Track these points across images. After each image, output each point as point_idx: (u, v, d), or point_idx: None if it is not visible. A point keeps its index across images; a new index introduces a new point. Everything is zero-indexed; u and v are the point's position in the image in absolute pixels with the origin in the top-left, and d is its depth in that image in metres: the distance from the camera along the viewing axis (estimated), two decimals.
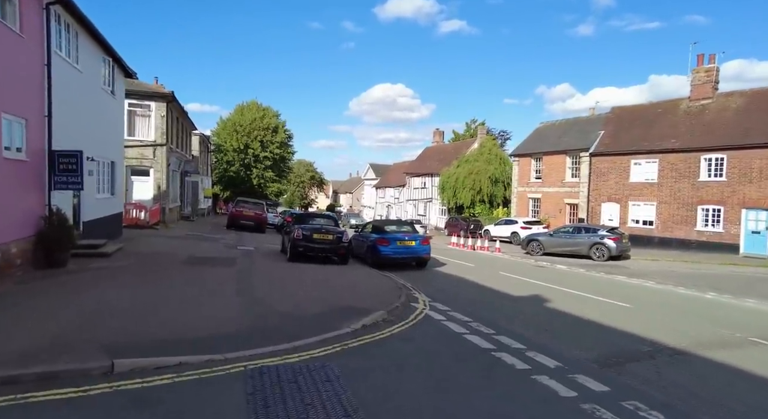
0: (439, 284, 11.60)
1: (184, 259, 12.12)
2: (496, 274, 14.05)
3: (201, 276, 9.71)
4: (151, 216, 20.90)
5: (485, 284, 11.94)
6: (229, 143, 52.76)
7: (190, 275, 9.68)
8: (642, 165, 24.12)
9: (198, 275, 9.80)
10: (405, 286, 10.70)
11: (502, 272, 14.41)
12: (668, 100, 25.93)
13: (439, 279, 12.59)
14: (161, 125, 22.29)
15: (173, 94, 22.12)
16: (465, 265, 15.98)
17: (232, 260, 12.57)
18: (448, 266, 15.23)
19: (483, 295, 10.39)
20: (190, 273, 9.98)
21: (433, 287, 10.97)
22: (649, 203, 23.85)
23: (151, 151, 22.18)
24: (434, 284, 11.52)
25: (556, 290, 11.18)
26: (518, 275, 13.80)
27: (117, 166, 15.46)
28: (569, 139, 29.07)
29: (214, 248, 15.57)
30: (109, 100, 14.51)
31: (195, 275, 9.73)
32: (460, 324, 7.36)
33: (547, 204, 29.68)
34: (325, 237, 13.40)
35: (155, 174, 22.41)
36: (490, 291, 10.93)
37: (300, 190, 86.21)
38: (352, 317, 6.92)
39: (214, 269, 10.78)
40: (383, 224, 15.04)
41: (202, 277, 9.62)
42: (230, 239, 19.72)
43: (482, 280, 12.52)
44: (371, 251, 13.94)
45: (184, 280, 9.10)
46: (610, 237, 19.63)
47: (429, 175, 43.94)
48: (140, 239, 16.43)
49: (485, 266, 16.17)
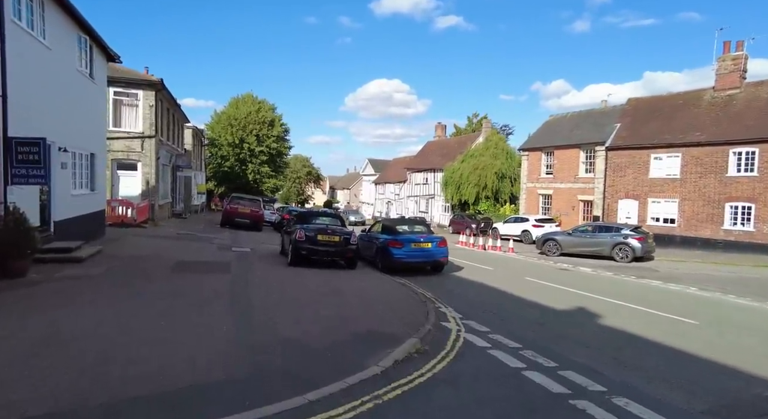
0: (464, 294, 10.12)
1: (171, 265, 10.57)
2: (521, 280, 12.59)
3: (188, 288, 8.17)
4: (138, 214, 19.32)
5: (515, 293, 10.47)
6: (224, 137, 50.99)
7: (174, 287, 8.13)
8: (663, 159, 22.69)
9: (184, 287, 8.25)
10: (427, 297, 9.23)
11: (527, 277, 12.95)
12: (690, 91, 24.49)
13: (461, 287, 11.11)
14: (150, 116, 20.65)
15: (162, 82, 20.47)
16: (483, 269, 14.51)
17: (225, 266, 11.04)
18: (467, 271, 13.76)
19: (519, 308, 8.92)
20: (176, 284, 8.43)
21: (458, 298, 9.50)
22: (670, 200, 22.45)
23: (138, 143, 20.55)
24: (458, 294, 10.05)
25: (597, 301, 9.73)
26: (546, 281, 12.35)
27: (98, 158, 13.87)
28: (583, 132, 27.61)
29: (207, 251, 14.02)
30: (88, 85, 12.89)
31: (181, 288, 8.17)
32: (509, 352, 5.89)
33: (558, 201, 28.25)
34: (330, 239, 11.89)
35: (143, 168, 20.79)
36: (524, 303, 9.45)
37: (296, 186, 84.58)
38: (377, 347, 5.42)
39: (205, 279, 9.24)
40: (395, 224, 13.52)
41: (189, 290, 8.07)
42: (224, 239, 18.17)
43: (510, 288, 11.06)
44: (382, 254, 12.45)
45: (168, 294, 7.55)
46: (634, 237, 18.24)
47: (431, 170, 42.42)
48: (125, 239, 14.87)
49: (506, 270, 14.72)
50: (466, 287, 11.16)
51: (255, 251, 14.86)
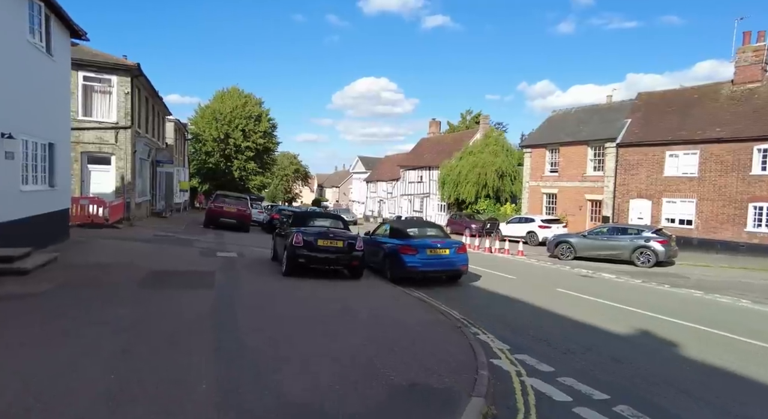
0: (498, 313, 8.45)
1: (141, 277, 8.71)
2: (551, 291, 10.99)
3: (158, 315, 6.32)
4: (111, 213, 17.29)
5: (553, 309, 8.85)
6: (208, 132, 48.74)
7: (140, 313, 6.28)
8: (679, 157, 21.36)
9: (153, 313, 6.41)
10: (457, 318, 7.55)
11: (557, 288, 11.34)
12: (705, 85, 23.20)
13: (490, 303, 9.43)
14: (125, 104, 18.59)
15: (139, 68, 18.42)
16: (503, 277, 12.89)
17: (208, 278, 9.21)
18: (486, 280, 12.11)
19: (571, 332, 7.27)
20: (143, 308, 6.58)
21: (493, 319, 7.83)
22: (687, 200, 21.13)
23: (112, 135, 18.48)
24: (492, 313, 8.37)
25: (653, 320, 8.18)
26: (578, 292, 10.77)
27: (59, 149, 11.88)
28: (590, 128, 26.22)
29: (187, 256, 12.15)
30: (44, 63, 10.91)
31: (148, 314, 6.32)
32: (603, 412, 4.24)
33: (564, 200, 26.83)
34: (333, 244, 10.12)
35: (118, 163, 18.74)
36: (572, 324, 7.82)
37: (284, 184, 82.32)
38: (431, 415, 3.71)
39: (182, 297, 7.41)
40: (405, 227, 11.77)
41: (159, 316, 6.23)
42: (208, 242, 16.27)
43: (543, 302, 9.43)
44: (393, 261, 10.73)
45: (129, 325, 5.70)
46: (657, 240, 16.83)
47: (426, 168, 40.78)
48: (92, 243, 12.91)
49: (528, 278, 13.11)
50: (495, 302, 9.49)
51: (243, 257, 13.03)
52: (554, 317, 8.29)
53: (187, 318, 6.11)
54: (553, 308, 8.89)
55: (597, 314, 8.56)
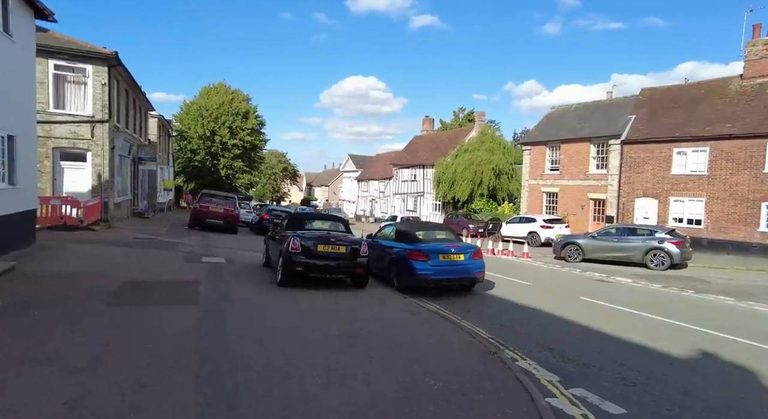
0: (527, 329, 7.35)
1: (113, 290, 7.45)
2: (575, 300, 9.94)
3: (128, 343, 5.09)
4: (87, 213, 15.90)
5: (588, 323, 7.79)
6: (194, 129, 47.08)
7: (106, 340, 5.04)
8: (687, 154, 20.56)
9: (123, 340, 5.18)
10: (486, 339, 6.45)
11: (581, 297, 10.30)
12: (713, 80, 22.46)
13: (516, 317, 8.33)
14: (102, 96, 17.16)
15: (117, 56, 17.00)
16: (517, 283, 11.82)
17: (192, 289, 7.97)
18: (501, 287, 11.03)
19: (620, 354, 6.19)
20: (111, 332, 5.35)
21: (528, 339, 6.74)
22: (696, 199, 20.34)
23: (87, 129, 17.04)
24: (521, 330, 7.28)
25: (703, 336, 7.18)
26: (604, 301, 9.75)
27: (21, 143, 10.51)
28: (593, 124, 25.36)
29: (169, 263, 10.87)
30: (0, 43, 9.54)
31: (117, 341, 5.09)
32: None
33: (565, 199, 25.94)
34: (334, 250, 8.96)
35: (94, 159, 17.30)
36: (618, 344, 6.75)
37: (272, 182, 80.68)
38: None
39: (161, 317, 6.19)
40: (413, 229, 10.60)
41: (130, 345, 5.00)
42: (193, 245, 14.97)
43: (576, 315, 8.37)
44: (401, 269, 9.60)
45: (91, 358, 4.48)
46: (671, 241, 15.96)
47: (420, 166, 39.70)
48: (62, 247, 11.58)
49: (544, 284, 12.07)
50: (520, 315, 8.39)
51: (231, 262, 11.79)
52: (592, 334, 7.23)
53: (164, 350, 4.88)
54: (588, 323, 7.83)
55: (637, 329, 7.52)
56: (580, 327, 7.64)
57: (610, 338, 7.03)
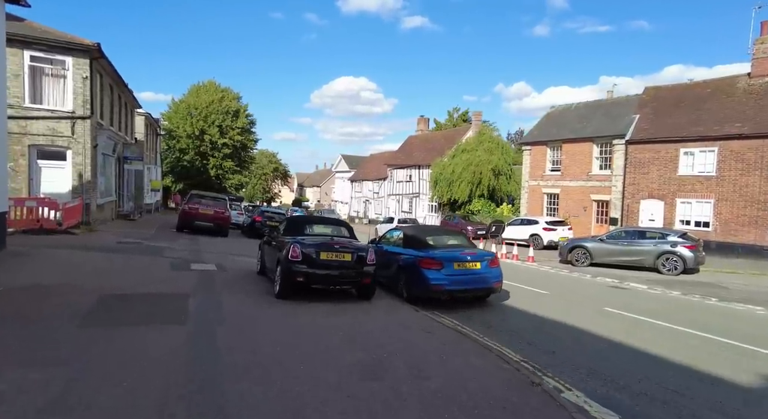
0: (564, 351, 6.51)
1: (87, 307, 6.49)
2: (602, 312, 9.15)
3: (92, 388, 4.15)
4: (66, 216, 14.84)
5: (625, 340, 6.99)
6: (183, 128, 45.87)
7: (63, 384, 4.09)
8: (695, 155, 19.97)
9: (92, 373, 4.24)
10: (520, 362, 5.61)
11: (606, 307, 9.50)
12: (719, 78, 21.93)
13: (542, 332, 7.49)
14: (83, 91, 16.07)
15: (100, 48, 15.93)
16: (534, 292, 11.02)
17: (179, 305, 7.02)
18: (517, 296, 10.20)
19: (682, 382, 5.36)
20: (72, 369, 4.39)
21: (566, 362, 5.91)
22: (704, 201, 19.75)
23: (67, 125, 15.94)
24: (557, 351, 6.44)
25: (755, 354, 6.41)
26: (634, 313, 8.98)
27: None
28: (595, 124, 24.73)
29: (154, 271, 9.89)
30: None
31: (77, 384, 4.14)
32: None
33: (567, 201, 25.28)
34: (338, 258, 8.06)
35: (75, 158, 16.21)
36: (669, 367, 5.94)
37: (262, 183, 79.42)
38: None
39: (142, 341, 5.25)
40: (423, 234, 9.71)
41: (93, 393, 4.05)
42: (181, 250, 13.97)
43: (608, 331, 7.57)
44: (411, 278, 8.73)
45: (37, 412, 3.55)
46: (684, 244, 15.31)
47: (416, 167, 38.88)
48: (35, 254, 10.55)
49: (562, 292, 11.27)
50: (549, 331, 7.55)
51: (223, 270, 10.83)
52: (634, 353, 6.41)
53: (143, 390, 3.95)
54: (624, 339, 7.02)
55: (680, 348, 6.73)
56: (617, 344, 6.83)
57: (656, 359, 6.22)
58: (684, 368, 5.90)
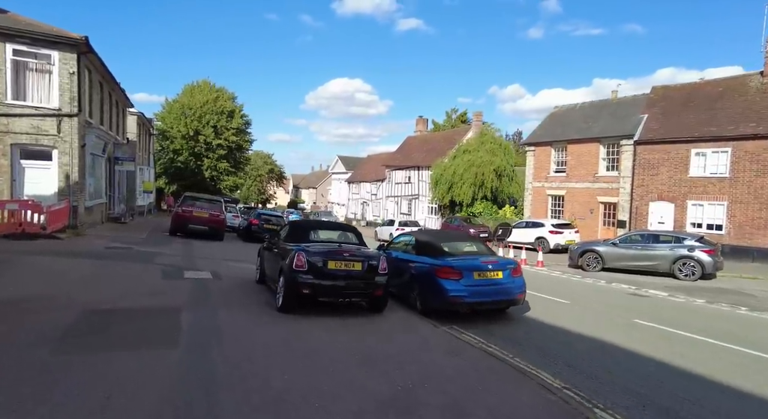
0: (601, 370, 5.77)
1: (65, 325, 5.68)
2: (630, 323, 8.43)
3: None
4: (51, 219, 14.00)
5: (668, 360, 6.25)
6: (177, 128, 44.90)
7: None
8: (707, 155, 19.36)
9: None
10: (562, 389, 4.86)
11: (635, 319, 8.77)
12: (730, 78, 21.37)
13: (575, 350, 6.74)
14: (70, 87, 15.20)
15: (88, 42, 15.07)
16: (555, 302, 10.28)
17: (170, 322, 6.21)
18: (537, 307, 9.44)
19: (754, 414, 4.66)
20: (40, 409, 3.60)
21: (613, 388, 5.16)
22: (716, 203, 19.14)
23: (53, 124, 15.06)
24: (594, 372, 5.69)
25: None
26: (663, 325, 8.27)
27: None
28: (601, 124, 24.10)
29: (143, 280, 9.07)
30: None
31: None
32: None
33: (573, 203, 24.61)
34: (348, 267, 7.28)
35: (61, 158, 15.32)
36: (733, 395, 5.22)
37: (257, 184, 78.43)
38: None
39: (125, 373, 4.45)
40: (437, 240, 8.92)
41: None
42: (173, 256, 13.15)
43: (643, 346, 6.84)
44: (427, 288, 7.97)
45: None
46: (702, 249, 14.67)
47: (415, 168, 38.15)
48: (14, 262, 9.71)
49: (584, 302, 10.52)
50: (583, 349, 6.80)
51: (219, 278, 10.02)
52: (685, 376, 5.67)
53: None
54: (667, 358, 6.29)
55: (736, 368, 6.01)
56: (664, 365, 6.08)
57: (712, 384, 5.48)
58: (746, 395, 5.17)
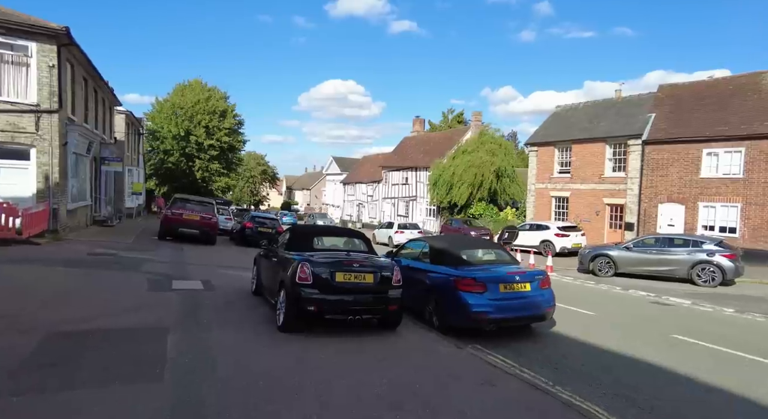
0: (658, 400, 4.91)
1: (24, 354, 4.72)
2: (668, 339, 7.60)
3: None
4: (28, 223, 12.95)
5: (730, 387, 5.43)
6: (167, 128, 43.69)
7: None
8: (719, 155, 18.69)
9: None
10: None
11: (672, 334, 7.94)
12: (741, 75, 20.73)
13: (620, 375, 5.88)
14: (49, 81, 14.15)
15: (69, 33, 14.02)
16: (580, 314, 9.45)
17: (155, 348, 5.27)
18: (563, 321, 8.56)
19: None
20: None
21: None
22: (729, 205, 18.47)
23: (30, 120, 14.00)
24: (652, 404, 4.83)
25: None
26: (704, 341, 7.46)
27: None
28: (607, 123, 23.40)
29: (126, 292, 8.10)
30: None
31: None
32: None
33: (578, 205, 23.88)
34: (359, 279, 6.38)
35: (40, 157, 14.26)
36: None
37: (250, 186, 77.23)
38: None
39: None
40: (455, 247, 7.99)
41: None
42: (162, 262, 12.16)
43: (693, 368, 6.01)
44: (445, 302, 7.08)
45: None
46: (723, 253, 13.94)
47: (413, 169, 37.29)
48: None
49: (609, 312, 9.71)
50: (629, 373, 5.95)
51: (211, 289, 9.07)
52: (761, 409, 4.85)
53: None
54: (734, 387, 5.46)
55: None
56: (733, 396, 5.24)
57: None
58: None
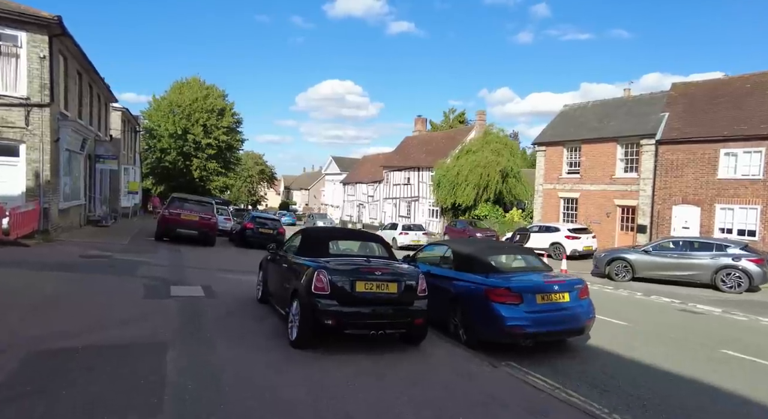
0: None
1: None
2: (718, 353, 6.93)
3: None
4: (17, 223, 12.22)
5: None
6: (165, 126, 42.92)
7: None
8: (738, 156, 18.06)
9: None
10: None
11: (722, 349, 7.26)
12: (758, 73, 20.10)
13: (678, 399, 5.19)
14: (41, 74, 13.39)
15: (61, 22, 13.27)
16: (613, 324, 8.73)
17: (151, 369, 4.54)
18: (597, 333, 7.85)
19: None
20: None
21: None
22: (748, 207, 17.83)
23: (20, 115, 13.24)
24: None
25: None
26: (755, 356, 6.79)
27: None
28: (617, 123, 22.76)
29: (120, 300, 7.36)
30: None
31: None
32: None
33: (587, 206, 23.22)
34: (381, 289, 5.68)
35: (30, 153, 13.50)
36: None
37: (248, 185, 76.37)
38: None
39: None
40: (482, 252, 7.22)
41: None
42: (159, 265, 11.42)
43: (757, 391, 5.33)
44: (474, 314, 6.38)
45: None
46: (749, 258, 13.34)
47: (415, 169, 36.58)
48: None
49: (644, 324, 9.00)
50: (686, 396, 5.26)
51: (212, 296, 8.34)
52: None
53: None
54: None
55: None
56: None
57: None
58: None
